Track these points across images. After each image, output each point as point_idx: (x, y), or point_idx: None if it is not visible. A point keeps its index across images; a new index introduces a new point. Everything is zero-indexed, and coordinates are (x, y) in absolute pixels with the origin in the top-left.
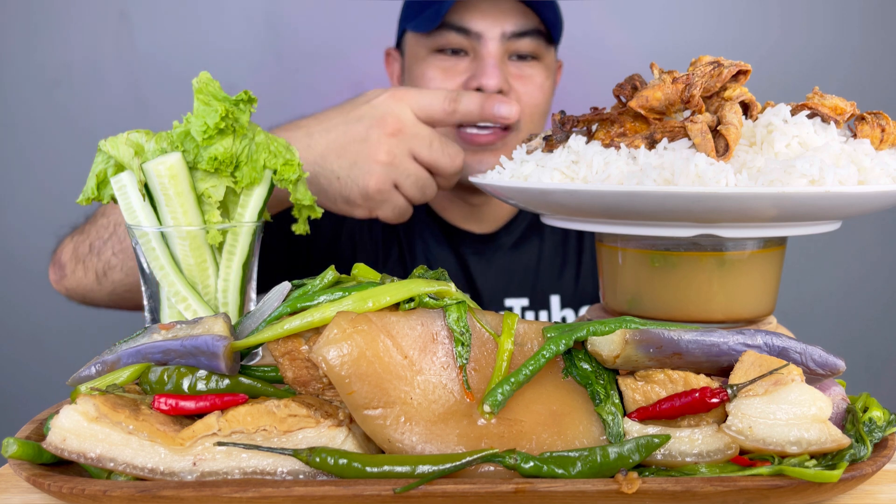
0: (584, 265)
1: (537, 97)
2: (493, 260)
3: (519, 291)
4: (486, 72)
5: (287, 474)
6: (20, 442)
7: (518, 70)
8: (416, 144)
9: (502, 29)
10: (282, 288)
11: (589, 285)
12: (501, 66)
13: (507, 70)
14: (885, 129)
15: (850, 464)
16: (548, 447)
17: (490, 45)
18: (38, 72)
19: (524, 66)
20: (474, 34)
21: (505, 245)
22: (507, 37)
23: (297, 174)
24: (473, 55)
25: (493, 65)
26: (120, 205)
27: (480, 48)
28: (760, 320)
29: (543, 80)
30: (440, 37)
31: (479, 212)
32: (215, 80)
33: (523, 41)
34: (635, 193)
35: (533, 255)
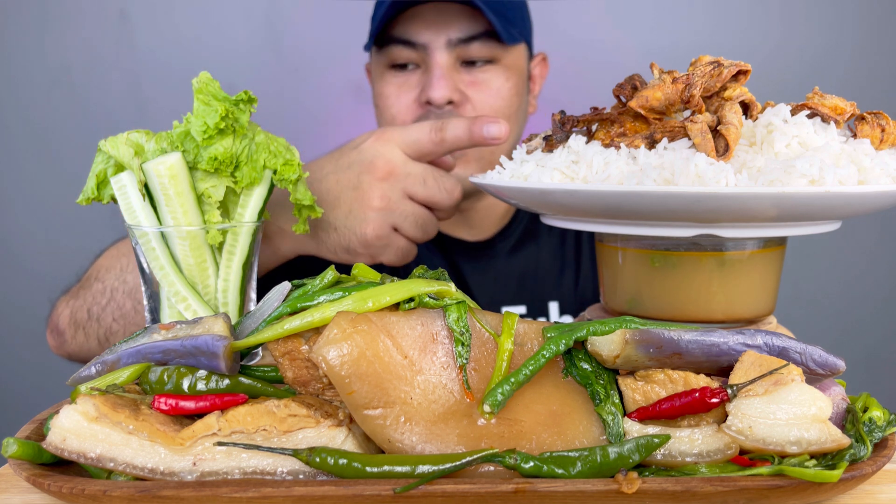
0: (582, 270)
1: (495, 102)
2: (488, 268)
3: (516, 299)
4: (432, 83)
5: (287, 474)
6: (20, 442)
7: (471, 76)
8: (409, 184)
9: (447, 37)
10: (282, 288)
11: (588, 290)
12: (450, 75)
13: (459, 78)
14: (885, 129)
15: (850, 464)
16: (548, 447)
17: (436, 55)
18: (38, 72)
19: (477, 71)
20: (420, 45)
21: (501, 252)
22: (453, 44)
23: (297, 174)
24: (424, 67)
25: (440, 76)
26: (120, 205)
27: (428, 59)
28: (760, 320)
29: (502, 82)
30: (389, 52)
31: (469, 218)
32: (215, 80)
33: (473, 46)
34: (635, 193)
35: (530, 262)
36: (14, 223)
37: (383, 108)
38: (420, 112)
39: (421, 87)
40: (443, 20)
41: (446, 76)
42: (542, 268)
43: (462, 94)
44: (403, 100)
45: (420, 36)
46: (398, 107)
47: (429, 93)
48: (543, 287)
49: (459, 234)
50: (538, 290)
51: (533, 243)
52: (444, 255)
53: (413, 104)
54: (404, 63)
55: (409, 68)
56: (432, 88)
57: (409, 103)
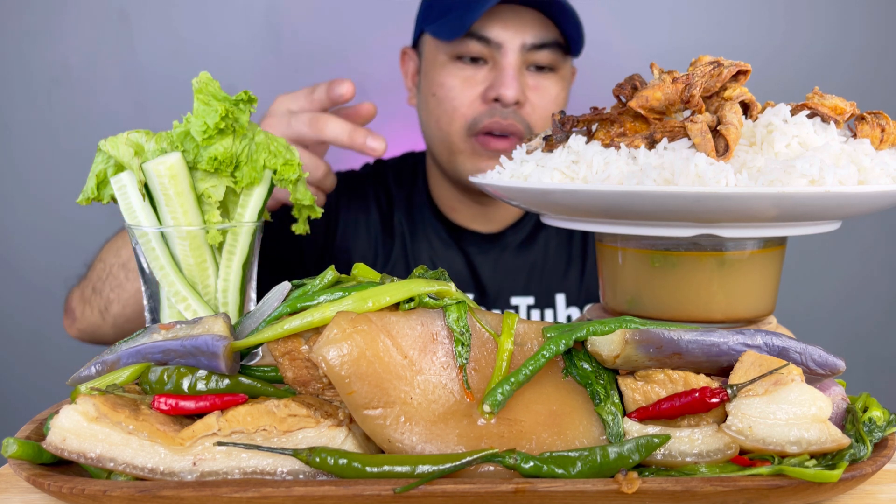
0: (588, 263)
1: (550, 108)
2: (499, 259)
3: (525, 290)
4: (505, 82)
5: (287, 474)
6: (20, 442)
7: (534, 81)
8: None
9: (523, 40)
10: (282, 288)
11: (594, 284)
12: (519, 76)
13: (524, 81)
14: (885, 129)
15: (850, 464)
16: (548, 447)
17: (510, 55)
18: (37, 72)
19: (541, 77)
20: (495, 44)
21: (511, 244)
22: (526, 48)
23: (297, 174)
24: (492, 64)
25: (512, 76)
26: (120, 205)
27: (500, 58)
28: (760, 320)
29: (558, 91)
30: (461, 44)
31: (488, 212)
32: (215, 80)
33: (542, 53)
34: (635, 193)
35: (539, 254)
36: (14, 223)
37: (444, 98)
38: (483, 108)
39: (487, 84)
40: (520, 23)
41: (518, 77)
42: (549, 261)
43: (525, 97)
44: (469, 93)
45: (497, 34)
46: (462, 99)
47: (500, 90)
48: (551, 279)
49: (474, 226)
50: (546, 282)
51: (542, 237)
52: (458, 246)
53: (477, 99)
54: (473, 56)
55: (478, 63)
56: (505, 87)
57: (473, 97)
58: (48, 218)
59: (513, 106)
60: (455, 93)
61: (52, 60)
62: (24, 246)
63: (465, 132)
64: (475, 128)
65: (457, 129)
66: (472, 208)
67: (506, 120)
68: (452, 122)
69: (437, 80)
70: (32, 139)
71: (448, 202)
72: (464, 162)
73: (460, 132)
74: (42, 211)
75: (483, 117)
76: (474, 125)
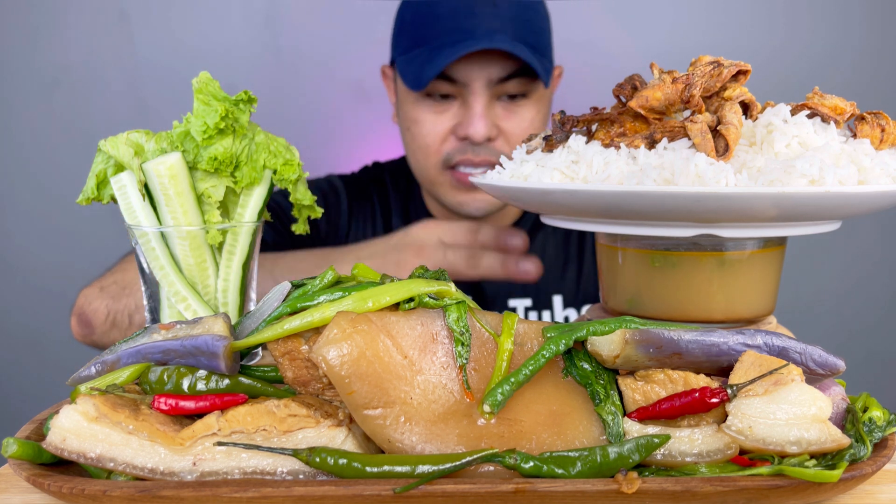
0: (585, 265)
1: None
2: None
3: (522, 292)
4: (473, 122)
5: (287, 474)
6: (20, 442)
7: (506, 110)
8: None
9: (489, 76)
10: (282, 288)
11: (591, 285)
12: (488, 113)
13: (495, 113)
14: (885, 129)
15: (849, 464)
16: (548, 447)
17: (477, 93)
18: (37, 72)
19: (513, 105)
20: (461, 83)
21: None
22: (493, 82)
23: (296, 174)
24: (461, 101)
25: (480, 114)
26: (120, 205)
27: (468, 96)
28: (760, 320)
29: (534, 115)
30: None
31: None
32: (215, 80)
33: (510, 83)
34: (635, 193)
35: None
36: (14, 223)
37: (417, 134)
38: (456, 144)
39: (458, 121)
40: (484, 60)
41: (486, 115)
42: (546, 262)
43: (497, 129)
44: (439, 129)
45: (462, 75)
46: (434, 136)
47: (469, 130)
48: (548, 281)
49: None
50: (543, 283)
51: (539, 238)
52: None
53: (449, 135)
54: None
55: (448, 99)
56: (473, 127)
57: (443, 133)
58: (48, 218)
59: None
60: (427, 129)
61: (52, 60)
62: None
63: (441, 166)
64: (450, 163)
65: (433, 164)
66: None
67: (477, 157)
68: (428, 158)
69: (411, 116)
70: (32, 139)
71: (441, 213)
72: (445, 193)
73: (436, 167)
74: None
75: (455, 154)
76: (448, 160)
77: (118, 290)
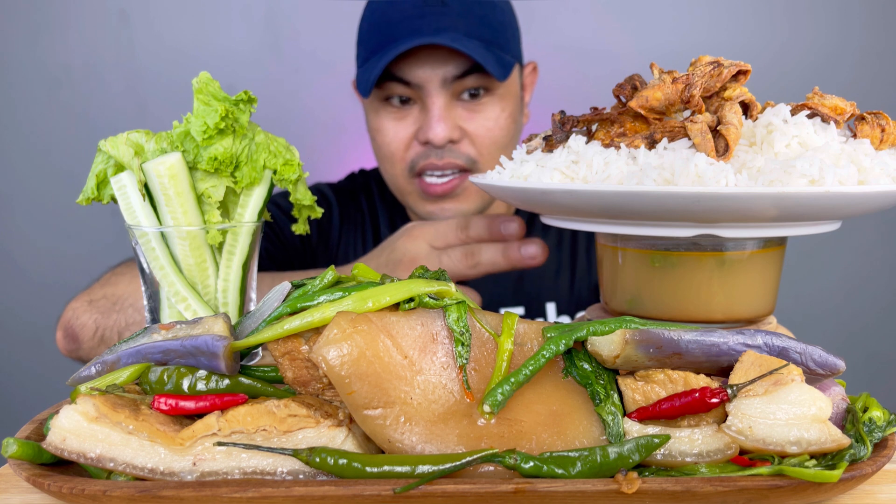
0: (577, 271)
1: (493, 134)
2: None
3: (514, 300)
4: (432, 125)
5: (287, 474)
6: (20, 442)
7: (468, 111)
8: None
9: (443, 75)
10: (282, 288)
11: (584, 291)
12: (448, 114)
13: (457, 114)
14: (885, 129)
15: (850, 464)
16: (548, 447)
17: (433, 95)
18: (38, 72)
19: (475, 104)
20: (416, 85)
21: None
22: (449, 81)
23: (296, 174)
24: (421, 104)
25: (438, 117)
26: (120, 205)
27: (425, 98)
28: (760, 320)
29: (498, 112)
30: (386, 88)
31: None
32: (215, 80)
33: (468, 79)
34: (635, 193)
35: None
36: (14, 223)
37: (381, 143)
38: (419, 149)
39: (419, 125)
40: (437, 59)
41: (444, 116)
42: (539, 270)
43: (461, 130)
44: (402, 135)
45: (416, 76)
46: (397, 143)
47: (428, 134)
48: (541, 288)
49: None
50: (535, 291)
51: None
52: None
53: (412, 140)
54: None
55: (407, 103)
56: (432, 130)
57: (406, 139)
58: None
59: (447, 144)
60: (389, 138)
61: (52, 61)
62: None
63: (408, 174)
64: (415, 169)
65: (399, 172)
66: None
67: (441, 160)
68: (394, 166)
69: (374, 125)
70: (33, 139)
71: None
72: (414, 203)
73: (403, 174)
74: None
75: (420, 159)
76: (413, 167)
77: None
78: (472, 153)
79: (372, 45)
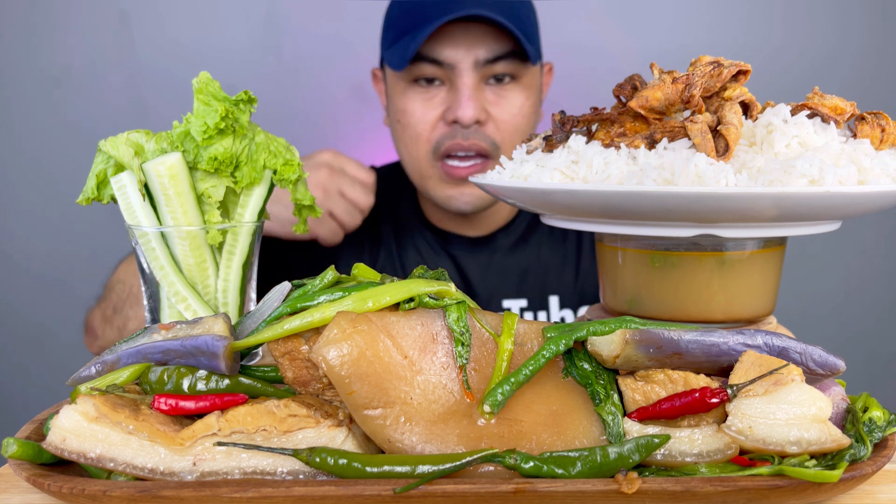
0: (582, 265)
1: (517, 121)
2: (489, 262)
3: (517, 292)
4: (461, 103)
5: (287, 474)
6: (20, 442)
7: (495, 95)
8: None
9: (475, 57)
10: (282, 288)
11: (588, 285)
12: (477, 95)
13: (484, 97)
14: (885, 129)
15: (850, 464)
16: (548, 447)
17: (464, 75)
18: (38, 72)
19: (501, 89)
20: (447, 64)
21: (502, 247)
22: (481, 64)
23: (297, 174)
24: (449, 84)
25: (468, 96)
26: (120, 205)
27: (455, 78)
28: (760, 320)
29: (523, 101)
30: (415, 68)
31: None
32: (215, 80)
33: (499, 65)
34: (635, 193)
35: (531, 257)
36: (14, 223)
37: (407, 124)
38: (445, 130)
39: (447, 105)
40: (470, 40)
41: (474, 97)
42: (543, 262)
43: (487, 113)
44: (429, 116)
45: (449, 55)
46: (423, 124)
47: (457, 113)
48: (545, 281)
49: (463, 231)
50: (539, 284)
51: (535, 239)
52: (445, 250)
53: (438, 121)
54: (429, 78)
55: (435, 84)
56: (461, 109)
57: (433, 120)
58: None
59: (474, 125)
60: (416, 118)
61: (52, 61)
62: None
63: (432, 156)
64: (440, 150)
65: (423, 155)
66: (457, 219)
67: (467, 140)
68: (418, 148)
69: (399, 107)
70: (33, 139)
71: (434, 213)
72: (434, 187)
73: (427, 157)
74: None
75: (445, 139)
76: (438, 147)
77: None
78: (497, 137)
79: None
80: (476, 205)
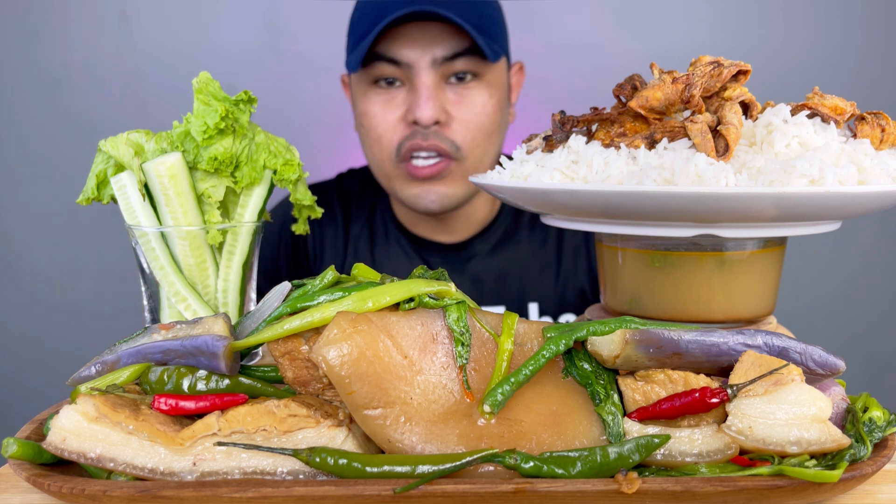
0: (562, 272)
1: (479, 120)
2: (465, 268)
3: (494, 299)
4: (420, 105)
5: (287, 474)
6: (20, 442)
7: (456, 94)
8: None
9: (433, 55)
10: (282, 288)
11: (568, 292)
12: (436, 95)
13: (444, 97)
14: (885, 129)
15: (850, 464)
16: (548, 447)
17: (422, 75)
18: (38, 72)
19: (463, 88)
20: (405, 64)
21: (479, 253)
22: (439, 62)
23: (297, 174)
24: (409, 85)
25: (426, 96)
26: (120, 205)
27: (414, 78)
28: (760, 320)
29: (486, 99)
30: (373, 69)
31: (448, 224)
32: (215, 80)
33: (458, 62)
34: (635, 193)
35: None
36: (14, 223)
37: (369, 127)
38: (406, 131)
39: (407, 106)
40: (427, 38)
41: (433, 97)
42: (521, 268)
43: (447, 114)
44: (389, 118)
45: (405, 55)
46: (385, 126)
47: (416, 113)
48: (523, 288)
49: (437, 237)
50: (517, 290)
51: (513, 244)
52: (421, 258)
53: (399, 123)
54: (389, 79)
55: (395, 85)
56: (420, 109)
57: (394, 122)
58: (48, 218)
59: (434, 126)
60: (377, 120)
61: (52, 61)
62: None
63: (395, 158)
64: (402, 151)
65: (387, 157)
66: (431, 222)
67: (427, 141)
68: (381, 150)
69: (361, 109)
70: (33, 139)
71: (407, 217)
72: (400, 188)
73: (390, 159)
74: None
75: (406, 140)
76: (400, 149)
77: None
78: (458, 139)
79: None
80: (443, 203)
